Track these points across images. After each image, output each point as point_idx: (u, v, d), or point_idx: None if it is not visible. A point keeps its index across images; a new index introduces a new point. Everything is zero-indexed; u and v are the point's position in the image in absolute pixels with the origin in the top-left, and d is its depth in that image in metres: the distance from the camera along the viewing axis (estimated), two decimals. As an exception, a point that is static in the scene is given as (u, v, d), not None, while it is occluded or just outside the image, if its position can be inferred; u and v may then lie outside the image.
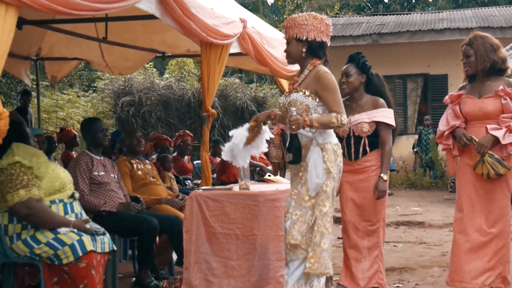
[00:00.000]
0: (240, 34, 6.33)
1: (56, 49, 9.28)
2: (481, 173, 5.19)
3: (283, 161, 13.87)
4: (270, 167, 10.38)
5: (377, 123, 5.57)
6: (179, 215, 6.14)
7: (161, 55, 9.24)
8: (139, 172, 6.66)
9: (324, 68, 4.74)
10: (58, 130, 11.92)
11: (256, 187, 6.02)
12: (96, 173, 5.89)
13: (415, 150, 17.03)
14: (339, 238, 7.38)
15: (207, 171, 6.25)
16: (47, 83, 15.84)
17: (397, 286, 6.42)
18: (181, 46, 8.50)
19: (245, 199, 5.45)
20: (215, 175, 9.02)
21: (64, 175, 4.77)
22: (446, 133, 5.42)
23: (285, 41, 4.90)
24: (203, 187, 5.87)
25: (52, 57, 9.65)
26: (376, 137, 5.61)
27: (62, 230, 4.50)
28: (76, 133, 10.33)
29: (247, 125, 5.07)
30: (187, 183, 8.79)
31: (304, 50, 4.74)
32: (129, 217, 5.90)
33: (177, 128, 17.83)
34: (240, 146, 5.04)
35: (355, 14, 27.03)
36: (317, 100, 4.68)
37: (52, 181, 4.61)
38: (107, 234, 4.79)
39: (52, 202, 4.60)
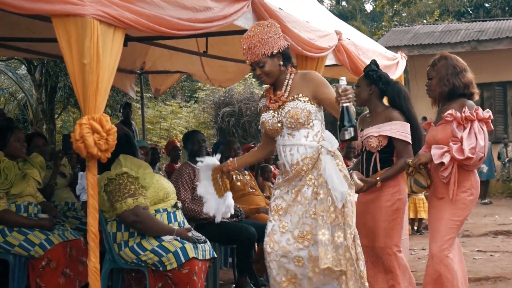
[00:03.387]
0: (336, 46, 6.40)
1: (159, 63, 9.62)
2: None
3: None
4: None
5: (391, 138, 5.15)
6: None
7: (260, 67, 9.38)
8: (238, 183, 6.86)
9: (306, 70, 4.38)
10: (162, 141, 12.25)
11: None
12: (198, 183, 6.09)
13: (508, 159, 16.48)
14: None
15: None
16: (150, 95, 16.32)
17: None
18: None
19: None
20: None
21: (167, 185, 5.00)
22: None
23: (380, 49, 4.79)
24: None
25: (156, 71, 10.01)
26: (389, 153, 5.20)
27: (166, 238, 4.72)
28: (178, 143, 10.62)
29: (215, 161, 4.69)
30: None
31: (281, 63, 4.27)
32: (228, 226, 6.10)
33: (277, 137, 17.92)
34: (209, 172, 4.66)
35: (454, 20, 26.52)
36: (315, 105, 4.25)
37: (157, 191, 4.85)
38: (208, 242, 4.99)
39: (157, 211, 4.83)
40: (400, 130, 5.12)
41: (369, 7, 39.21)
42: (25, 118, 18.01)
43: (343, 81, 3.87)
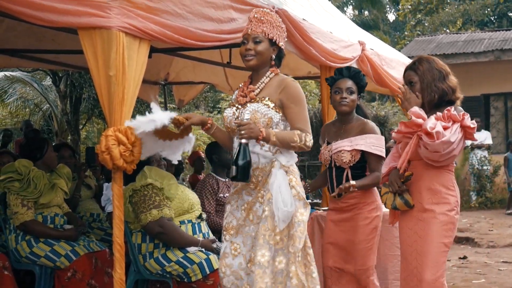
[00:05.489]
0: (359, 57, 6.41)
1: (183, 74, 9.65)
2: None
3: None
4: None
5: (364, 152, 4.78)
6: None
7: (283, 77, 9.40)
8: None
9: (290, 77, 3.99)
10: (185, 151, 12.22)
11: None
12: (221, 195, 6.11)
13: None
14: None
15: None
16: (174, 106, 16.38)
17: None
18: (302, 68, 8.63)
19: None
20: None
21: (192, 197, 5.01)
22: (383, 176, 4.47)
23: (403, 59, 4.60)
24: (323, 208, 5.91)
25: (179, 82, 10.03)
26: (362, 168, 4.83)
27: (191, 249, 4.73)
28: (202, 154, 10.63)
29: (173, 114, 3.79)
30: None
31: (274, 56, 3.93)
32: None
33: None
34: (152, 127, 3.64)
35: (478, 29, 26.39)
36: (281, 113, 3.86)
37: (181, 202, 4.86)
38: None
39: (181, 222, 4.84)
40: (375, 144, 4.78)
41: (391, 16, 39.14)
42: (50, 129, 18.16)
43: (247, 116, 3.70)
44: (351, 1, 34.89)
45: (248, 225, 3.86)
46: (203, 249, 4.77)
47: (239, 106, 3.92)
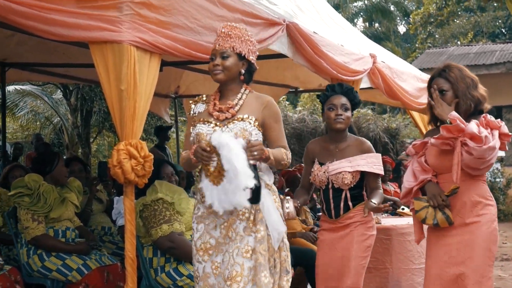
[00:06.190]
0: (370, 70, 6.39)
1: (194, 87, 9.66)
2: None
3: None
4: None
5: (363, 172, 4.66)
6: (314, 248, 6.24)
7: (294, 90, 9.42)
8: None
9: (266, 95, 3.88)
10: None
11: (387, 221, 6.04)
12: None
13: None
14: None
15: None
16: (185, 119, 16.41)
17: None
18: (313, 81, 8.64)
19: (377, 233, 5.48)
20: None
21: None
22: (414, 189, 4.20)
23: (415, 71, 4.47)
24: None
25: (190, 95, 10.03)
26: (360, 188, 4.69)
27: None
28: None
29: (241, 141, 3.55)
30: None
31: (243, 71, 3.79)
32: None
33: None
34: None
35: (489, 41, 26.34)
36: (261, 132, 3.74)
37: (192, 216, 4.84)
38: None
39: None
40: (376, 163, 4.68)
41: (401, 28, 39.15)
42: (60, 142, 18.20)
43: (255, 136, 3.61)
44: (361, 13, 34.91)
45: (228, 243, 3.69)
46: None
47: (218, 123, 3.74)
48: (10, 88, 16.21)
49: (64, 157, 9.24)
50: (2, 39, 6.50)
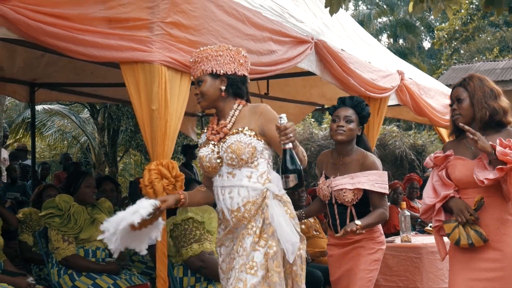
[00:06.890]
0: (398, 86, 6.38)
1: (220, 106, 9.68)
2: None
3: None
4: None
5: (366, 189, 4.47)
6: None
7: (321, 107, 9.41)
8: (303, 226, 6.79)
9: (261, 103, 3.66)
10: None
11: (417, 239, 6.00)
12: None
13: None
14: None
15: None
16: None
17: None
18: (340, 98, 8.62)
19: (407, 251, 5.44)
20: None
21: (232, 229, 4.98)
22: (437, 206, 4.01)
23: (442, 88, 4.39)
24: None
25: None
26: (365, 204, 4.50)
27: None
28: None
29: (156, 202, 3.35)
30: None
31: (223, 87, 3.54)
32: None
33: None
34: (138, 218, 3.34)
35: (516, 56, 26.18)
36: (263, 141, 3.53)
37: (222, 235, 4.83)
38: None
39: (223, 255, 4.80)
40: (379, 181, 4.44)
41: (426, 44, 39.05)
42: (87, 161, 18.33)
43: (283, 119, 3.21)
44: (386, 30, 34.89)
45: (235, 258, 3.52)
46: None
47: (215, 144, 3.58)
48: (38, 107, 16.36)
49: (95, 177, 9.28)
50: (32, 59, 6.58)
